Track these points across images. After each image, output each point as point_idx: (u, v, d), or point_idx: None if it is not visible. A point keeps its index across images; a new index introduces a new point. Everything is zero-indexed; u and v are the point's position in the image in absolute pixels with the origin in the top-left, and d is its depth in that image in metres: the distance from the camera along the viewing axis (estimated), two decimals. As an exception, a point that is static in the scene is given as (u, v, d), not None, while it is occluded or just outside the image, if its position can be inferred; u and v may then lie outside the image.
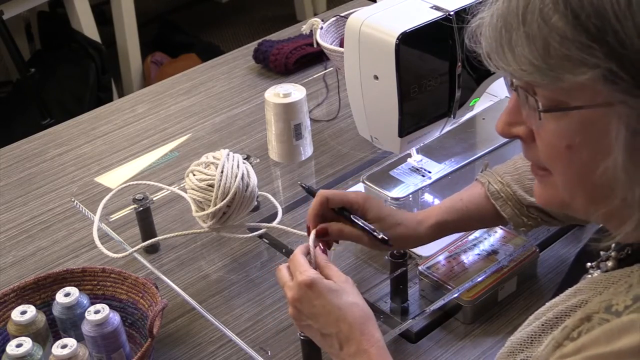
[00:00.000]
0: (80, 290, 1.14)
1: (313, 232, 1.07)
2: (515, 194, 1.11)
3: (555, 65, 0.67)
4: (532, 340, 0.79)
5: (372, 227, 1.07)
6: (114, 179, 1.41)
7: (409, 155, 1.35)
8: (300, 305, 0.97)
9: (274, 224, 1.29)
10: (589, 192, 0.72)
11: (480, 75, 1.23)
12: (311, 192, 1.15)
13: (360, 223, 1.07)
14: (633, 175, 0.67)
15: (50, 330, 1.13)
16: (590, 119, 0.68)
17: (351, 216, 1.08)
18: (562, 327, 0.74)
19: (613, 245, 0.79)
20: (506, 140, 1.38)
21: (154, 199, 1.33)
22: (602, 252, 0.80)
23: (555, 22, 0.66)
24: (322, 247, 1.04)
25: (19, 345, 1.04)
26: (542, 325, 0.78)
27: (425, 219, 1.11)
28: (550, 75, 0.68)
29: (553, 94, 0.70)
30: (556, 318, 0.77)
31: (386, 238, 1.06)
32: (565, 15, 0.66)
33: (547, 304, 0.80)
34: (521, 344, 0.80)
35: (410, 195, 1.30)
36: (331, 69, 1.71)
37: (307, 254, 1.02)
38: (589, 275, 0.81)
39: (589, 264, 0.82)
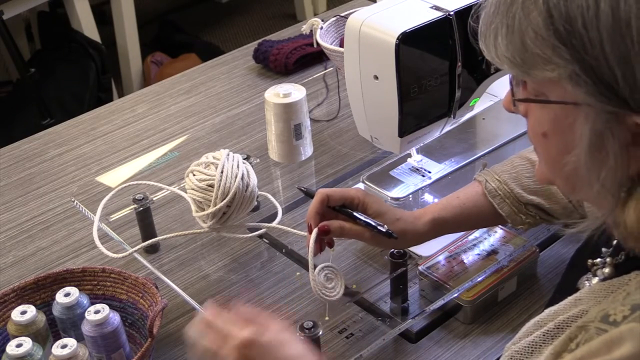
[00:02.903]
0: (80, 290, 1.14)
1: (315, 230, 1.07)
2: (512, 191, 1.11)
3: (527, 60, 0.71)
4: (533, 351, 0.79)
5: (375, 221, 1.07)
6: (114, 179, 1.41)
7: (409, 155, 1.35)
8: None
9: (274, 224, 1.28)
10: (564, 178, 0.76)
11: (480, 75, 1.23)
12: (309, 194, 1.15)
13: (362, 218, 1.08)
14: (592, 174, 0.71)
15: (50, 330, 1.13)
16: (560, 114, 0.72)
17: (354, 213, 1.08)
18: (562, 337, 0.74)
19: (611, 249, 0.80)
20: (506, 140, 1.39)
21: (154, 199, 1.33)
22: (603, 250, 0.81)
23: (533, 18, 0.69)
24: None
25: (19, 345, 1.04)
26: (544, 335, 0.78)
27: (423, 214, 1.12)
28: (520, 69, 0.72)
29: (537, 84, 0.73)
30: (557, 328, 0.77)
31: (390, 231, 1.06)
32: (541, 13, 0.68)
33: (547, 311, 0.80)
34: (522, 354, 0.80)
35: (410, 195, 1.30)
36: (331, 69, 1.71)
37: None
38: (587, 282, 0.82)
39: (590, 260, 0.82)
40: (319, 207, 1.09)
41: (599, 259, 0.81)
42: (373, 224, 1.07)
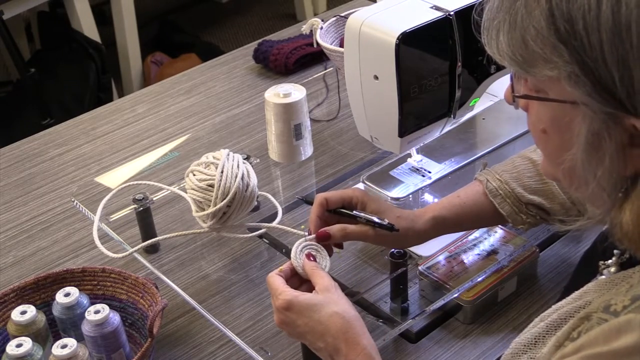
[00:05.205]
0: (80, 290, 1.14)
1: (313, 236, 1.07)
2: (513, 191, 1.11)
3: (528, 57, 0.71)
4: (537, 342, 0.79)
5: (376, 216, 1.07)
6: (114, 179, 1.41)
7: (409, 155, 1.35)
8: (286, 327, 0.98)
9: (274, 224, 1.28)
10: (562, 174, 0.77)
11: (480, 75, 1.23)
12: (310, 202, 1.15)
13: (363, 215, 1.08)
14: (589, 172, 0.71)
15: (50, 330, 1.13)
16: (559, 113, 0.73)
17: (353, 212, 1.08)
18: (565, 327, 0.75)
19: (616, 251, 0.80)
20: (506, 140, 1.39)
21: (154, 199, 1.33)
22: (615, 251, 0.81)
23: (535, 16, 0.69)
24: (311, 256, 1.04)
25: (19, 345, 1.04)
26: (547, 326, 0.79)
27: (423, 213, 1.12)
28: (521, 66, 0.73)
29: (537, 81, 0.73)
30: (561, 319, 0.78)
31: (392, 224, 1.06)
32: (543, 11, 0.68)
33: (553, 307, 0.80)
34: (525, 345, 0.80)
35: (410, 195, 1.30)
36: (331, 69, 1.71)
37: (292, 269, 1.03)
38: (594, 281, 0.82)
39: (601, 262, 0.83)
40: (318, 211, 1.09)
41: (609, 260, 0.82)
42: (373, 219, 1.07)
